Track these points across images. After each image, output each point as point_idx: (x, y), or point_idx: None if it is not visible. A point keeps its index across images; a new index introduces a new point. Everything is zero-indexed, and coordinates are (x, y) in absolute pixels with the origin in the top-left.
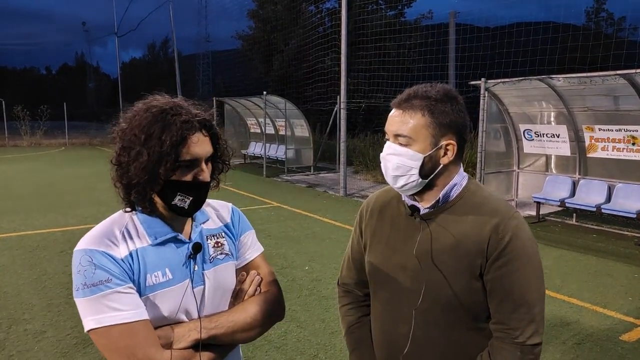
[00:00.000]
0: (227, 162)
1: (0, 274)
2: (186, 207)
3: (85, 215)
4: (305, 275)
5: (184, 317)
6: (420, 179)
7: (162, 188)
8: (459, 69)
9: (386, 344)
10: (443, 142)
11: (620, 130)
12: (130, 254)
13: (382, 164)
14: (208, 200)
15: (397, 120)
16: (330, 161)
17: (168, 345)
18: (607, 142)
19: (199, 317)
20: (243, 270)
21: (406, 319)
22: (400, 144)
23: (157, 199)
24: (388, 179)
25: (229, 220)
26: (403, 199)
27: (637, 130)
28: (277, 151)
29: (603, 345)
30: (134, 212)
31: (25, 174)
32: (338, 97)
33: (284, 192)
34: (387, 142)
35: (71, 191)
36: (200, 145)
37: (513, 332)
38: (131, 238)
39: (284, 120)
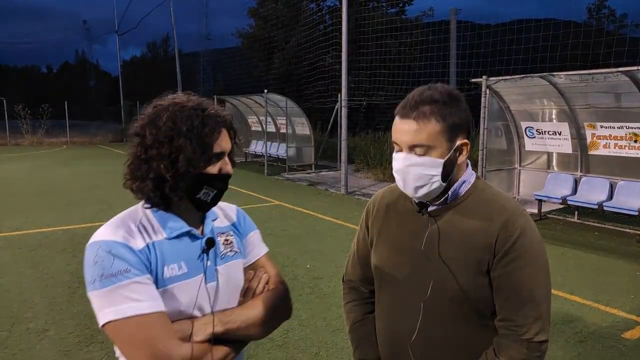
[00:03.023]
0: (234, 160)
1: (2, 272)
2: (209, 201)
3: (86, 214)
4: (306, 274)
5: (197, 313)
6: (443, 184)
7: (191, 181)
8: (460, 66)
9: (391, 338)
10: (458, 143)
11: (622, 127)
12: (147, 246)
13: (398, 177)
14: None
15: (411, 130)
16: (331, 159)
17: (186, 339)
18: (608, 140)
19: (212, 312)
20: (250, 269)
21: (412, 313)
22: (417, 154)
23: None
24: (408, 190)
25: (235, 220)
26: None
27: (639, 128)
28: (278, 149)
29: (605, 343)
30: (146, 208)
31: (26, 173)
32: (339, 95)
33: (285, 190)
34: (401, 154)
35: (73, 190)
36: (226, 139)
37: (519, 329)
38: (146, 231)
39: (285, 118)
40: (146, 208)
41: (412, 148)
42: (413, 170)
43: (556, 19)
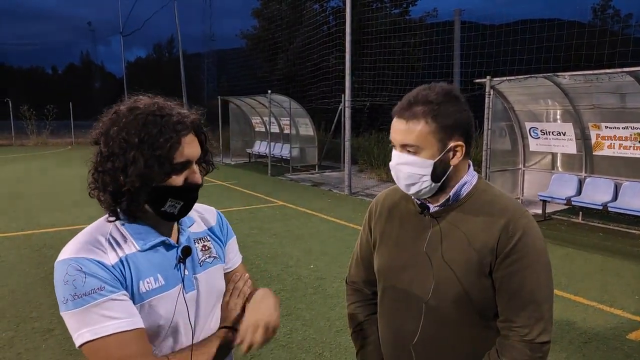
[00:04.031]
0: (211, 163)
1: (8, 272)
2: (176, 213)
3: (91, 214)
4: (310, 274)
5: (180, 324)
6: (433, 184)
7: (151, 194)
8: (464, 67)
9: (394, 340)
10: (451, 145)
11: (626, 128)
12: (121, 261)
13: (392, 173)
14: None
15: (402, 130)
16: (334, 160)
17: None
18: (613, 140)
19: (192, 346)
20: (229, 275)
21: (415, 315)
22: (409, 152)
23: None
24: (401, 187)
25: (214, 224)
26: (413, 197)
27: None
28: (281, 150)
29: (609, 345)
30: (109, 221)
31: (32, 173)
32: (342, 95)
33: (288, 190)
34: (395, 152)
35: (78, 190)
36: (192, 146)
37: (522, 329)
38: (118, 244)
39: (288, 119)
40: (109, 221)
41: (403, 147)
42: (403, 168)
43: (560, 19)
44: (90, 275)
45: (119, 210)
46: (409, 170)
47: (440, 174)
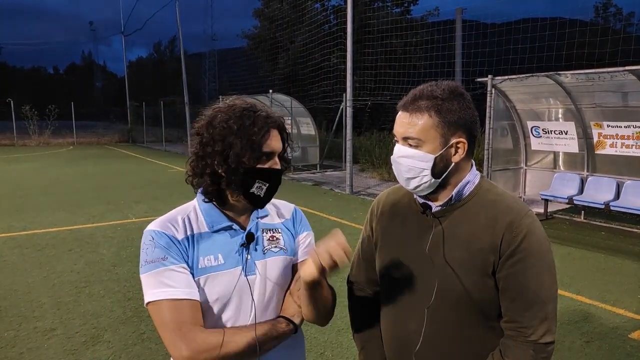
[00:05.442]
0: (289, 161)
1: (10, 272)
2: (262, 195)
3: (93, 214)
4: None
5: (235, 302)
6: (433, 179)
7: (243, 176)
8: (466, 65)
9: (396, 340)
10: (453, 141)
11: (629, 126)
12: (187, 238)
13: (393, 167)
14: (272, 199)
15: (405, 122)
16: (336, 159)
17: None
18: (615, 139)
19: (253, 304)
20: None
21: (417, 316)
22: (410, 146)
23: (228, 191)
24: (401, 181)
25: (288, 218)
26: (415, 197)
27: None
28: None
29: (611, 344)
30: (197, 202)
31: (34, 173)
32: (344, 94)
33: (289, 190)
34: (397, 145)
35: (79, 190)
36: (276, 140)
37: (526, 330)
38: (190, 224)
39: (289, 118)
40: (205, 202)
41: (405, 140)
42: (403, 161)
43: (562, 18)
44: (159, 246)
45: (210, 192)
46: (410, 163)
47: (441, 169)
